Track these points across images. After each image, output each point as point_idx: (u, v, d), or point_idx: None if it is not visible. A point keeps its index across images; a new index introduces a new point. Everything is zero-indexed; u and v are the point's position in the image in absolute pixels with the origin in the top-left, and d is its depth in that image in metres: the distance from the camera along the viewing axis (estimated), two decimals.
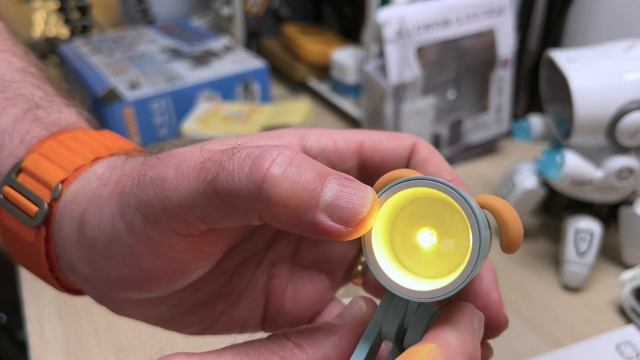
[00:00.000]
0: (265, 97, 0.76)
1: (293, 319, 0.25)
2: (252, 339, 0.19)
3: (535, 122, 0.51)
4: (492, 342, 0.44)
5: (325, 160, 0.22)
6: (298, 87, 0.85)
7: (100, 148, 0.23)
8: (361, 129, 0.24)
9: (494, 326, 0.22)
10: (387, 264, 0.19)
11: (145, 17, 0.94)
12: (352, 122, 0.73)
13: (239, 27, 0.86)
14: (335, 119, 0.76)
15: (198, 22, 0.95)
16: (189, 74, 0.70)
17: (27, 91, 0.25)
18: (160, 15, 0.98)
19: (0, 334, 1.16)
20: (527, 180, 0.49)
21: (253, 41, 0.88)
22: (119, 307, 0.22)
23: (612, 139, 0.44)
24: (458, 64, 0.60)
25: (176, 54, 0.77)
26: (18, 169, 0.22)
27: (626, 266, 0.49)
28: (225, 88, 0.72)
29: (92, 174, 0.22)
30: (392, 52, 0.55)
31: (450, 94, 0.61)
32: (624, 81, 0.43)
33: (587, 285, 0.48)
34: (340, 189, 0.17)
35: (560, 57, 0.46)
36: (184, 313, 0.24)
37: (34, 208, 0.22)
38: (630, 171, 0.45)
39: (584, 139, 0.45)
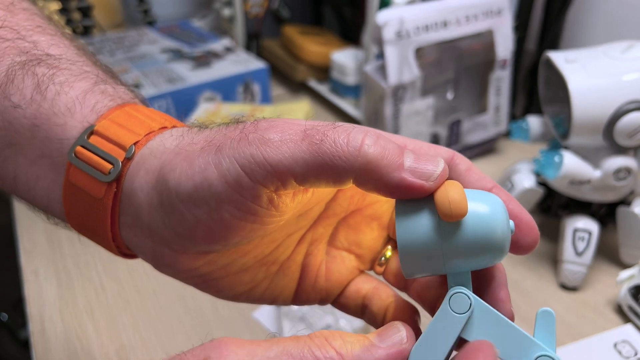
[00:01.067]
0: (266, 98, 0.76)
1: (324, 294, 0.28)
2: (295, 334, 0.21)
3: (534, 122, 0.51)
4: None
5: None
6: (298, 87, 0.85)
7: (163, 120, 0.26)
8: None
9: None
10: None
11: (146, 18, 0.94)
12: (352, 122, 0.73)
13: (239, 28, 0.86)
14: (335, 119, 0.76)
15: (199, 23, 0.95)
16: (189, 75, 0.71)
17: (90, 69, 0.27)
18: (161, 16, 0.98)
19: (2, 332, 1.16)
20: (526, 180, 0.49)
21: (253, 42, 0.89)
22: (167, 261, 0.24)
23: (610, 139, 0.44)
24: (457, 65, 0.60)
25: (177, 54, 0.77)
26: (90, 131, 0.24)
27: (624, 265, 0.49)
28: (226, 89, 0.72)
29: (167, 135, 0.24)
30: (392, 53, 0.55)
31: (449, 95, 0.61)
32: (622, 82, 0.43)
33: (585, 284, 0.48)
34: (416, 157, 0.21)
35: (558, 57, 0.46)
36: (227, 275, 0.26)
37: (107, 166, 0.24)
38: (628, 171, 0.45)
39: (582, 139, 0.45)
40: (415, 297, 0.26)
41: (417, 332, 0.23)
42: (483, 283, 0.23)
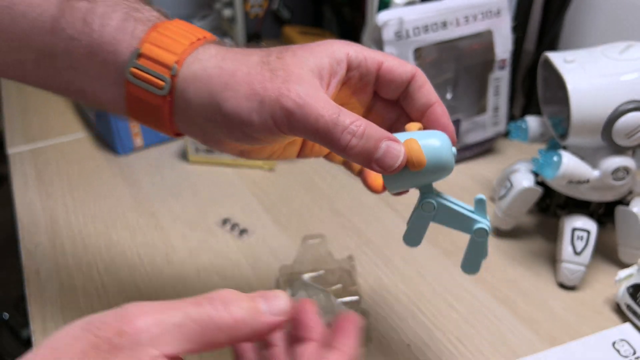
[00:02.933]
0: None
1: (317, 153, 0.38)
2: None
3: (533, 122, 0.51)
4: (488, 340, 0.45)
5: (358, 73, 0.33)
6: None
7: (189, 35, 0.32)
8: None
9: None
10: None
11: None
12: None
13: (239, 28, 0.86)
14: None
15: (199, 24, 0.95)
16: None
17: (121, 0, 0.33)
18: None
19: (3, 332, 1.16)
20: (525, 180, 0.49)
21: (253, 42, 0.89)
22: (214, 145, 0.34)
23: (608, 139, 0.44)
24: (456, 65, 0.60)
25: None
26: (138, 54, 0.31)
27: (622, 265, 0.49)
28: None
29: (204, 57, 0.31)
30: (391, 53, 0.55)
31: (449, 95, 0.62)
32: (621, 82, 0.44)
33: (584, 283, 0.48)
34: (386, 150, 0.29)
35: (557, 57, 0.47)
36: (259, 150, 0.36)
37: (160, 82, 0.31)
38: (626, 171, 0.45)
39: (581, 139, 0.46)
40: (361, 177, 0.38)
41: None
42: (431, 118, 0.34)
